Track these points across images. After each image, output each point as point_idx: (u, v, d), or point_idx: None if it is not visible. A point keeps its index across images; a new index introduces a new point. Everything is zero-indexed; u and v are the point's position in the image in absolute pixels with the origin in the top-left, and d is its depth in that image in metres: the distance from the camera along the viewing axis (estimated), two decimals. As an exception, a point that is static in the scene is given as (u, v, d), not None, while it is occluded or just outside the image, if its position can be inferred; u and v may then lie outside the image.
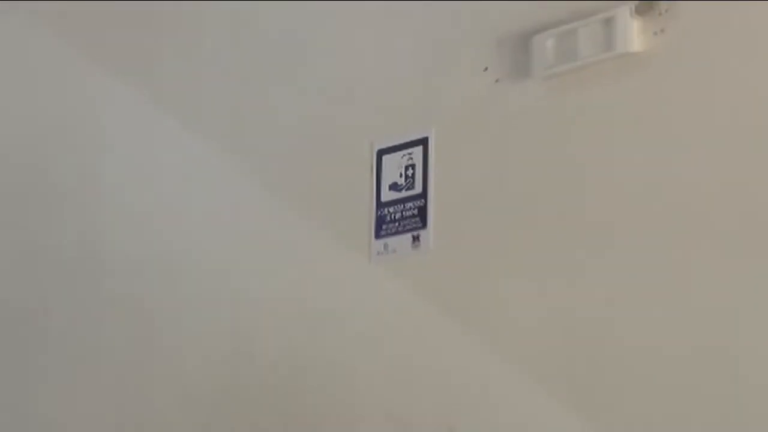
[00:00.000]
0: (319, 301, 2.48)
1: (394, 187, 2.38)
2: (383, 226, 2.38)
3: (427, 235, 2.32)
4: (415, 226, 2.33)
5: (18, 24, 3.15)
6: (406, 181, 2.37)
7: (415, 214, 2.34)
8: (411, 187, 2.36)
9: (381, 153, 2.41)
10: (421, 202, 2.33)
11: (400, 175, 2.38)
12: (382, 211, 2.39)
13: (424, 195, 2.34)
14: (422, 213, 2.33)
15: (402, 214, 2.36)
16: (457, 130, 2.30)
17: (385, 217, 2.39)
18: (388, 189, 2.39)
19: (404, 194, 2.37)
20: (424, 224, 2.32)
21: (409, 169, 2.37)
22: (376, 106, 2.46)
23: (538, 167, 2.19)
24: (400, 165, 2.38)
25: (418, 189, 2.34)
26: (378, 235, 2.39)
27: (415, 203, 2.35)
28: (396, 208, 2.37)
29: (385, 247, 2.38)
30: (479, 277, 2.24)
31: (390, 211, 2.38)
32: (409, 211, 2.35)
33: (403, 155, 2.38)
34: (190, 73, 2.83)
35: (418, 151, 2.35)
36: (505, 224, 2.22)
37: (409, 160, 2.37)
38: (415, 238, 2.33)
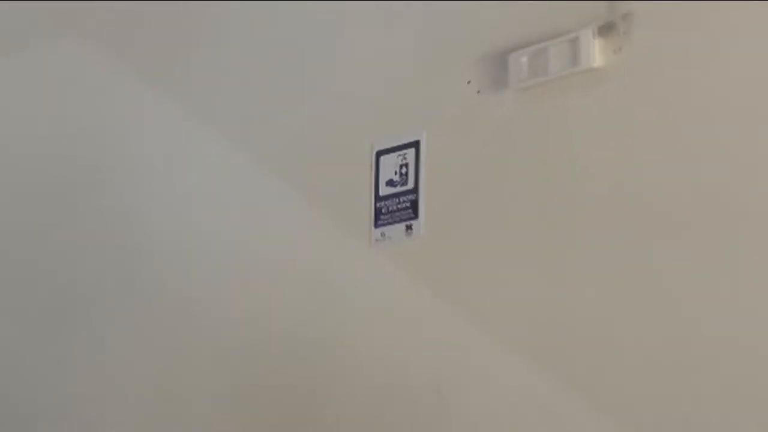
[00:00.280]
0: (327, 280, 2.52)
1: (391, 184, 2.43)
2: (381, 217, 2.43)
3: (419, 224, 2.37)
4: (408, 217, 2.39)
5: (67, 44, 3.18)
6: (400, 178, 2.41)
7: (408, 207, 2.39)
8: (405, 184, 2.40)
9: (379, 154, 2.46)
10: (414, 197, 2.39)
11: (396, 173, 2.42)
12: (380, 204, 2.44)
13: (416, 190, 2.39)
14: (414, 206, 2.38)
15: (397, 207, 2.41)
16: (445, 134, 2.37)
17: (383, 209, 2.43)
18: (385, 185, 2.44)
19: (399, 189, 2.41)
20: (416, 215, 2.38)
21: (403, 167, 2.41)
22: (376, 114, 2.51)
23: (514, 166, 2.25)
24: (395, 164, 2.43)
25: (411, 185, 2.39)
26: (376, 225, 2.44)
27: (408, 197, 2.39)
28: (392, 202, 2.42)
29: (383, 234, 2.42)
30: (463, 260, 2.30)
31: (387, 204, 2.43)
32: (403, 204, 2.40)
33: (398, 156, 2.43)
34: (212, 77, 2.86)
35: (411, 153, 2.41)
36: (486, 215, 2.28)
37: (403, 160, 2.42)
38: (408, 227, 2.38)
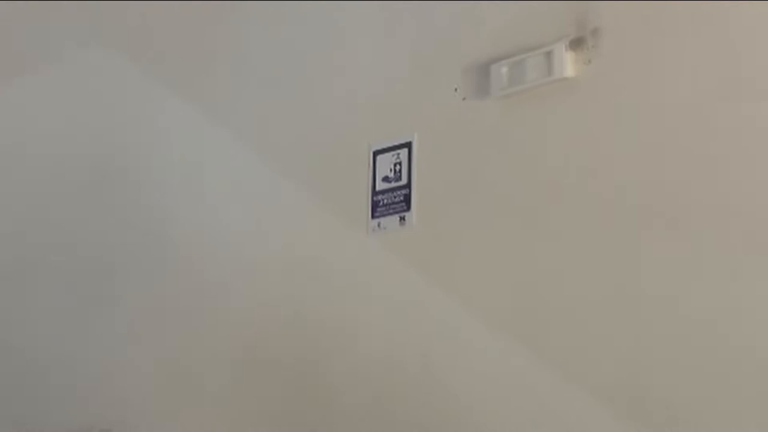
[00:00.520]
0: (329, 266, 2.61)
1: (386, 180, 2.50)
2: (377, 209, 2.50)
3: (411, 216, 2.45)
4: (402, 209, 2.46)
5: (99, 57, 3.23)
6: (395, 175, 2.48)
7: (402, 200, 2.46)
8: (399, 180, 2.47)
9: (376, 153, 2.54)
10: (407, 191, 2.46)
11: (390, 170, 2.50)
12: (376, 198, 2.51)
13: (408, 185, 2.46)
14: (407, 199, 2.46)
15: (392, 200, 2.48)
16: (434, 136, 2.45)
17: (379, 202, 2.50)
18: (381, 181, 2.51)
19: (393, 185, 2.49)
20: (409, 208, 2.45)
21: (397, 165, 2.48)
22: (373, 119, 2.59)
23: (496, 164, 2.33)
24: (390, 162, 2.50)
25: (404, 181, 2.46)
26: (373, 216, 2.51)
27: (402, 192, 2.47)
28: (387, 196, 2.49)
29: (379, 225, 2.50)
30: (451, 247, 2.39)
31: (382, 198, 2.50)
32: (397, 198, 2.47)
33: (393, 155, 2.50)
34: (228, 85, 2.92)
35: (404, 152, 2.49)
36: (471, 207, 2.35)
37: (397, 158, 2.49)
38: (402, 218, 2.46)
